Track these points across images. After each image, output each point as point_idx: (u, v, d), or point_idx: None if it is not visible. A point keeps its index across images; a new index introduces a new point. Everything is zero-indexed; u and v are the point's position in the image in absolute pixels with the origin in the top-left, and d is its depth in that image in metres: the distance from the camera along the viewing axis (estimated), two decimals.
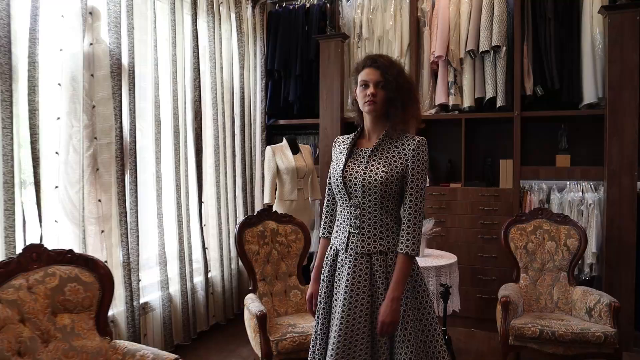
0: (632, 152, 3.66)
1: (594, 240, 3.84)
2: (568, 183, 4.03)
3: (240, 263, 4.26)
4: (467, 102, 4.19)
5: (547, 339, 2.94)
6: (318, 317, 2.05)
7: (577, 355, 2.98)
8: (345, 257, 1.94)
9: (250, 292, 3.18)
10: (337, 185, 1.97)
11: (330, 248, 2.04)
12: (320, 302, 2.04)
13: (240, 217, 4.31)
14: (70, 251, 2.20)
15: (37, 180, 2.44)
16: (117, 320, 2.88)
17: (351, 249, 1.92)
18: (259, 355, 2.78)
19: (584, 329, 2.93)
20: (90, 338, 2.11)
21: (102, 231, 2.88)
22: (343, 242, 1.95)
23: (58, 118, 2.67)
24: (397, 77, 1.91)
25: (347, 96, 4.58)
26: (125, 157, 2.99)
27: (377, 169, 1.91)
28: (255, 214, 3.48)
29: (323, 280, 2.04)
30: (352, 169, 1.95)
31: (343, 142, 2.08)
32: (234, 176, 4.25)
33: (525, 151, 4.12)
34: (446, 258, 3.51)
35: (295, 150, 4.19)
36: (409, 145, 1.91)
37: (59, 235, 2.69)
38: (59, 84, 2.68)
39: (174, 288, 3.49)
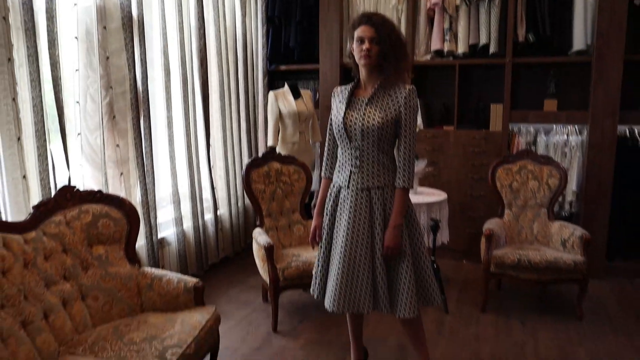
0: (615, 97, 3.87)
1: (574, 179, 4.13)
2: (554, 126, 4.27)
3: (246, 201, 4.57)
4: (461, 49, 4.34)
5: (524, 266, 3.29)
6: (321, 246, 2.35)
7: (550, 280, 3.34)
8: (348, 193, 2.22)
9: (257, 226, 3.50)
10: (339, 131, 2.23)
11: (333, 186, 2.33)
12: (323, 233, 2.34)
13: (246, 159, 4.58)
14: (100, 191, 2.49)
15: (62, 128, 2.68)
16: (139, 254, 3.19)
17: (352, 185, 2.21)
18: (267, 281, 3.14)
19: (557, 257, 3.27)
20: (122, 266, 2.44)
21: (121, 173, 3.15)
22: (345, 180, 2.23)
23: (77, 70, 2.87)
24: (389, 34, 2.14)
25: (346, 42, 4.70)
26: (139, 104, 3.21)
27: (374, 115, 2.16)
28: (260, 155, 3.75)
29: (326, 214, 2.34)
30: (352, 115, 2.20)
31: (342, 92, 2.32)
32: (239, 120, 4.48)
33: (515, 96, 4.32)
34: (437, 195, 3.81)
35: (296, 95, 4.39)
36: (401, 93, 2.16)
37: (84, 178, 2.97)
38: (76, 37, 2.85)
39: (187, 224, 3.81)
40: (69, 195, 2.39)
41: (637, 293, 3.78)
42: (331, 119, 2.33)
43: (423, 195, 3.72)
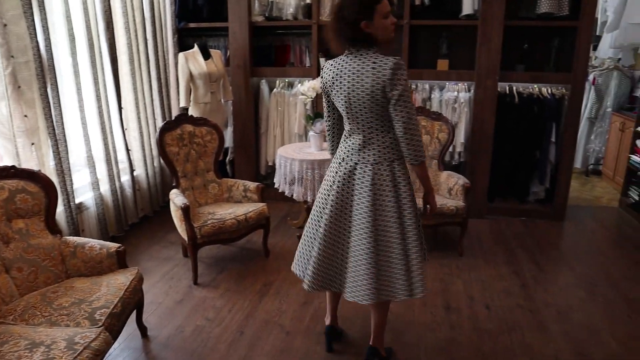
0: (496, 58, 4.36)
1: (462, 132, 4.65)
2: (447, 84, 4.72)
3: (162, 160, 4.68)
4: None
5: None
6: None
7: (437, 224, 3.86)
8: None
9: (174, 187, 3.69)
10: None
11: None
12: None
13: (159, 119, 4.65)
14: (13, 167, 2.57)
15: None
16: (58, 220, 3.28)
17: None
18: (185, 239, 3.39)
19: (442, 204, 3.78)
20: (44, 237, 2.58)
21: (32, 143, 3.18)
22: None
23: None
24: None
25: (254, 0, 4.78)
26: (45, 73, 3.20)
27: None
28: (173, 119, 3.87)
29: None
30: None
31: None
32: (150, 81, 4.50)
33: (412, 55, 4.69)
34: None
35: (206, 55, 4.48)
36: None
37: None
38: None
39: (104, 188, 3.91)
40: None
41: (509, 229, 4.46)
42: None
43: (325, 152, 4.04)
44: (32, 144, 3.17)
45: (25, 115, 3.12)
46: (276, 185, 4.07)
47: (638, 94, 5.95)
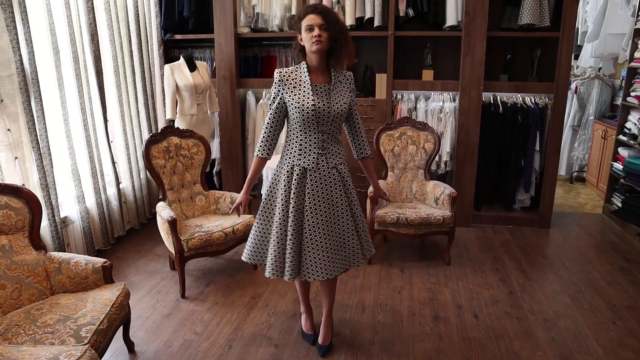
0: (479, 69, 4.41)
1: (448, 141, 4.69)
2: (432, 93, 4.77)
3: (148, 173, 4.65)
4: (349, 21, 4.63)
5: (402, 223, 3.79)
6: (280, 224, 2.48)
7: (425, 233, 3.88)
8: (318, 174, 2.44)
9: (160, 200, 3.67)
10: (308, 117, 2.36)
11: (293, 167, 2.46)
12: (280, 210, 2.49)
13: (145, 132, 4.63)
14: None
15: None
16: (42, 235, 3.25)
17: (322, 166, 2.45)
18: (173, 252, 3.36)
19: (429, 214, 3.80)
20: (28, 253, 2.54)
21: (16, 158, 3.14)
22: (313, 162, 2.43)
23: None
24: (336, 20, 2.36)
25: (240, 12, 4.80)
26: (28, 87, 3.17)
27: (340, 101, 2.44)
28: (159, 131, 3.85)
29: (282, 193, 2.49)
30: (320, 102, 2.39)
31: (292, 77, 2.41)
32: (136, 93, 4.48)
33: (397, 66, 4.73)
34: None
35: (192, 67, 4.47)
36: (348, 80, 2.51)
37: None
38: None
39: (90, 201, 3.87)
40: None
41: (495, 237, 4.49)
42: (279, 104, 2.42)
43: None
44: (16, 158, 3.14)
45: (9, 129, 3.09)
46: (263, 197, 4.05)
47: (618, 102, 6.06)
